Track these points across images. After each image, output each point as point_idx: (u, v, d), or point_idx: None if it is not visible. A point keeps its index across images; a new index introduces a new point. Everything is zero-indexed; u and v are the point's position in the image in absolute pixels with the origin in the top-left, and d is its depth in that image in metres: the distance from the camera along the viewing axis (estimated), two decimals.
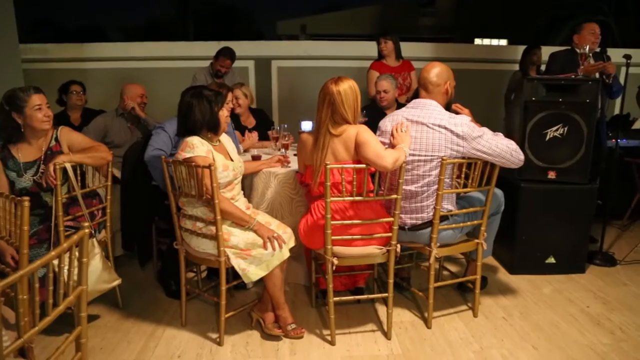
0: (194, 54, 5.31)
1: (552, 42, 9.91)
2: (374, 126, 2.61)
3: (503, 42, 13.33)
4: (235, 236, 2.39)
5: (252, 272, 2.38)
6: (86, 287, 1.45)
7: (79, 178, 2.50)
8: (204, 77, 4.36)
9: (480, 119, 2.73)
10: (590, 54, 3.60)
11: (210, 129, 2.45)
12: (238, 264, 2.39)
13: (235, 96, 3.69)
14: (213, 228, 2.36)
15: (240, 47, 5.49)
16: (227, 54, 4.33)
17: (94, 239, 2.50)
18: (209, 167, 2.24)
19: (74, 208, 2.56)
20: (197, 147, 2.36)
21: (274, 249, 2.37)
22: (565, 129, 3.14)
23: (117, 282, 2.54)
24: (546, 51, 5.26)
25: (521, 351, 2.46)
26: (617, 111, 4.41)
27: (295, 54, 5.62)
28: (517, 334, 2.61)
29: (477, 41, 14.40)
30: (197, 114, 2.40)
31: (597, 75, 3.55)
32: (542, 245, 3.28)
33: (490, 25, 14.34)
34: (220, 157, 2.44)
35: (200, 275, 3.04)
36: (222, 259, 2.38)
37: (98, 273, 2.42)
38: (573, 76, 3.27)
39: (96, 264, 2.42)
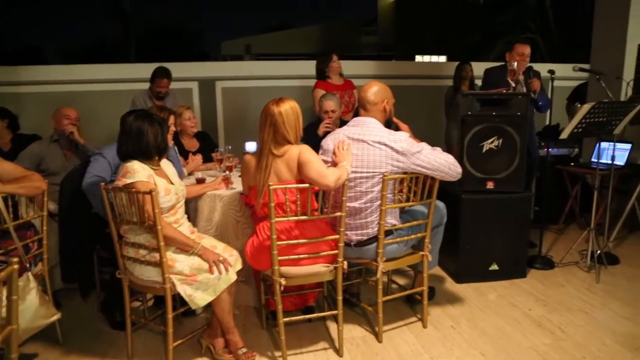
0: (135, 76, 5.20)
1: (486, 58, 10.44)
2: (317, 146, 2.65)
3: (442, 58, 13.87)
4: (180, 262, 2.34)
5: (199, 298, 2.33)
6: (16, 327, 1.38)
7: (10, 209, 2.38)
8: (143, 100, 4.28)
9: (422, 133, 2.83)
10: (521, 72, 3.81)
11: (159, 153, 2.41)
12: (184, 290, 2.33)
13: (187, 117, 3.66)
14: (157, 255, 2.30)
15: (184, 68, 5.45)
16: (162, 74, 4.26)
17: (29, 273, 2.37)
18: (150, 192, 2.20)
19: (6, 241, 2.42)
20: (137, 172, 2.31)
21: (220, 272, 2.34)
22: (500, 141, 3.29)
23: (56, 317, 2.42)
24: (480, 66, 5.53)
25: (470, 358, 2.52)
26: (547, 122, 4.67)
27: (239, 74, 5.62)
28: (465, 342, 2.68)
29: (418, 58, 14.91)
30: (151, 137, 2.35)
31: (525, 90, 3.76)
32: (485, 253, 3.40)
33: (430, 43, 14.91)
34: (161, 181, 2.40)
35: (146, 304, 2.94)
36: (168, 286, 2.32)
37: (34, 309, 2.30)
38: (504, 91, 3.45)
39: (32, 299, 2.30)
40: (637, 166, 4.29)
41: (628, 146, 4.21)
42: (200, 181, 3.03)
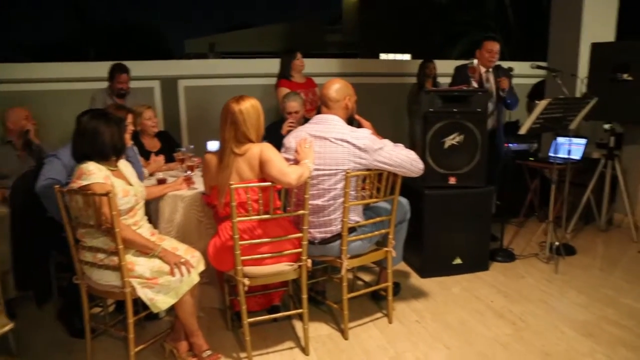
0: (94, 75, 5.04)
1: (449, 56, 10.64)
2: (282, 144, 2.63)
3: (407, 56, 14.04)
4: (140, 265, 2.29)
5: (160, 301, 2.28)
6: None
7: None
8: (102, 98, 4.17)
9: (387, 130, 2.85)
10: (490, 69, 3.89)
11: (116, 153, 2.34)
12: (145, 293, 2.28)
13: (148, 117, 3.58)
14: (115, 258, 2.23)
15: (145, 67, 5.33)
16: (120, 69, 4.18)
17: None
18: (106, 194, 2.13)
19: None
20: (93, 173, 2.24)
21: (182, 274, 2.29)
22: (462, 137, 3.34)
23: (9, 327, 2.32)
24: (443, 64, 5.62)
25: (434, 352, 2.56)
26: (507, 118, 4.79)
27: (202, 72, 5.52)
28: (430, 336, 2.72)
29: (383, 56, 15.04)
30: (107, 137, 2.28)
31: (494, 88, 3.86)
32: (448, 248, 3.46)
33: (394, 41, 15.08)
34: (119, 182, 2.33)
35: (107, 310, 2.86)
36: (128, 290, 2.26)
37: None
38: (465, 87, 3.51)
39: None
40: (592, 160, 4.44)
41: (583, 141, 4.35)
42: (161, 182, 2.97)
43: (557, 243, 3.68)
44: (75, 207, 2.26)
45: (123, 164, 2.50)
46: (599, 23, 4.76)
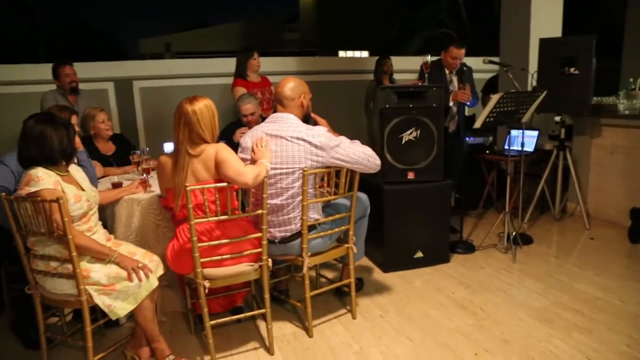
0: (44, 77, 4.86)
1: (406, 52, 10.81)
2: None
3: (365, 53, 14.16)
4: (95, 272, 2.22)
5: (118, 308, 2.23)
6: None
7: None
8: (53, 99, 4.03)
9: (346, 127, 2.86)
10: (453, 72, 3.99)
11: (66, 158, 2.27)
12: (102, 300, 2.22)
13: (101, 120, 3.48)
14: (70, 266, 2.16)
15: (98, 68, 5.19)
16: (63, 63, 4.10)
17: None
18: (57, 200, 2.06)
19: None
20: (42, 179, 2.16)
21: (140, 279, 2.25)
22: (418, 132, 3.40)
23: None
24: (400, 61, 5.70)
25: (398, 345, 2.60)
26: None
27: (158, 73, 5.42)
28: (394, 329, 2.75)
29: (341, 53, 15.12)
30: (55, 142, 2.20)
31: (456, 87, 3.96)
32: (409, 242, 3.51)
33: (352, 38, 15.18)
34: (70, 187, 2.26)
35: (64, 319, 2.77)
36: (84, 298, 2.19)
37: None
38: (420, 83, 3.56)
39: None
40: (545, 151, 4.60)
41: (535, 133, 4.50)
42: (116, 185, 2.90)
43: (514, 233, 3.80)
44: (24, 215, 2.18)
45: (74, 169, 2.43)
46: (546, 19, 4.94)
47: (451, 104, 4.03)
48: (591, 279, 3.33)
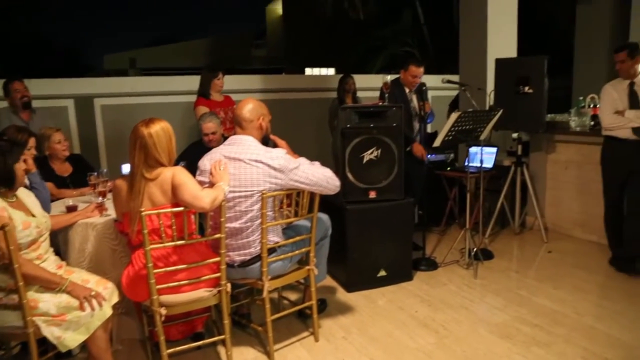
0: None
1: (370, 70, 10.97)
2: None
3: (331, 71, 14.29)
4: (44, 302, 2.13)
5: (69, 339, 2.14)
6: None
7: None
8: (7, 117, 3.89)
9: (312, 145, 2.85)
10: (413, 90, 4.04)
11: (6, 185, 2.18)
12: (51, 332, 2.13)
13: (57, 140, 3.39)
14: (15, 296, 2.07)
15: (57, 85, 5.06)
16: (12, 79, 3.97)
17: None
18: (2, 227, 1.98)
19: None
20: None
21: (92, 308, 2.16)
22: (379, 151, 3.43)
23: None
24: (362, 79, 5.77)
25: None
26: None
27: (121, 90, 5.31)
28: (357, 350, 2.74)
29: (308, 71, 15.21)
30: None
31: (417, 108, 4.01)
32: (372, 261, 3.51)
33: (319, 55, 15.31)
34: (18, 214, 2.17)
35: (10, 352, 2.64)
36: (31, 331, 2.10)
37: None
38: (380, 103, 3.61)
39: None
40: (503, 167, 4.72)
41: (494, 150, 4.61)
42: (71, 209, 2.80)
43: (475, 249, 3.86)
44: None
45: (24, 193, 2.34)
46: (502, 39, 5.10)
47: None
48: (549, 292, 3.40)
